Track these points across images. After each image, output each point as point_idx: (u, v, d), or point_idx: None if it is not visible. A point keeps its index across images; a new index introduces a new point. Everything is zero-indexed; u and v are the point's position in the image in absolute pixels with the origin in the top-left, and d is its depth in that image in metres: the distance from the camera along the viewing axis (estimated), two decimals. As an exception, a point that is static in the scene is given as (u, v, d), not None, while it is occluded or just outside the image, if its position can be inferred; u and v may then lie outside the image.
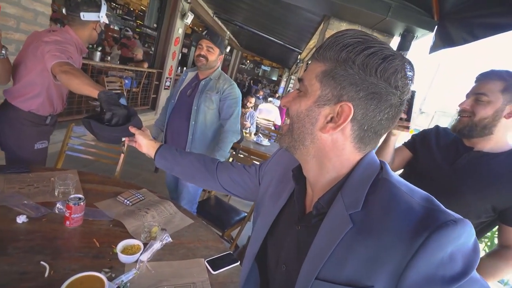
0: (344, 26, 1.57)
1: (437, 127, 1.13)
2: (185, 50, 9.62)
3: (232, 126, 1.63)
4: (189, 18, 5.18)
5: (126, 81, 4.24)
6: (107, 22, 1.51)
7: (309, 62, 0.51)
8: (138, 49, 4.67)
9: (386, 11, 1.38)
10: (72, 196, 0.99)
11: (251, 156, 2.78)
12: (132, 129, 0.89)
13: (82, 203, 0.99)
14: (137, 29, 10.00)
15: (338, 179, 0.49)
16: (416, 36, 1.48)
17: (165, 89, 5.38)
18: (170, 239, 1.04)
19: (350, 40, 0.44)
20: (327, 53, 0.45)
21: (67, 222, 0.98)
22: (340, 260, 0.44)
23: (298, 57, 7.15)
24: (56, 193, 1.15)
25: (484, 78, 0.92)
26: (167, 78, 5.28)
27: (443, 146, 1.04)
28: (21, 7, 2.02)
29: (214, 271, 0.96)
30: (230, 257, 1.06)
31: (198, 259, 1.01)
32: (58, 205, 1.06)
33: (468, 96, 0.96)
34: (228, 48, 9.11)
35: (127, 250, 0.92)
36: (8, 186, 1.12)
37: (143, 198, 1.30)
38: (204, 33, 1.63)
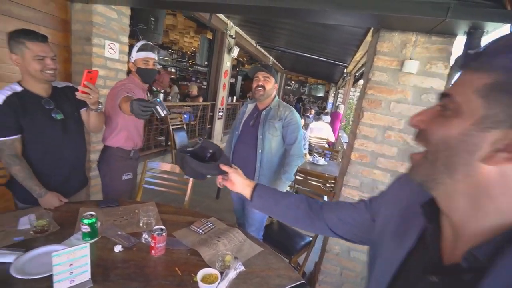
0: (396, 35, 1.51)
1: None
2: (232, 80, 10.27)
3: (297, 150, 1.66)
4: (235, 51, 5.57)
5: (185, 116, 4.69)
6: (141, 64, 1.71)
7: (458, 72, 0.40)
8: (193, 86, 5.16)
9: (444, 12, 1.28)
10: (155, 227, 1.11)
11: (309, 177, 2.73)
12: (224, 167, 0.87)
13: (164, 234, 1.10)
14: (189, 68, 11.15)
15: (505, 227, 0.36)
16: (486, 31, 1.34)
17: (218, 119, 5.76)
18: (243, 268, 1.06)
19: None
20: (495, 61, 0.35)
21: (153, 251, 1.09)
22: None
23: (345, 71, 6.98)
24: (141, 224, 1.30)
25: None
26: (219, 108, 5.67)
27: None
28: (106, 69, 2.46)
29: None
30: (304, 287, 1.03)
31: (272, 288, 1.00)
32: (144, 235, 1.19)
33: None
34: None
35: (205, 279, 0.97)
36: (105, 219, 1.31)
37: (213, 226, 1.37)
38: (258, 66, 1.74)
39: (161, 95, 4.80)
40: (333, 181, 2.75)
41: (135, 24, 2.74)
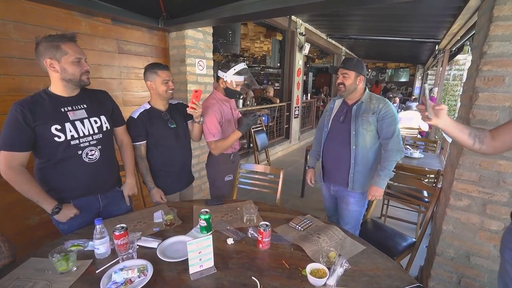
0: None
1: None
2: (304, 78, 10.15)
3: (396, 144, 1.54)
4: (307, 48, 5.51)
5: (264, 118, 4.90)
6: (233, 85, 1.77)
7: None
8: (269, 87, 5.36)
9: None
10: (262, 223, 1.21)
11: (404, 172, 2.47)
12: None
13: (269, 230, 1.19)
14: (261, 72, 11.56)
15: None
16: None
17: (295, 118, 5.79)
18: (348, 265, 1.05)
19: None
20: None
21: (260, 245, 1.20)
22: None
23: (436, 48, 5.99)
24: (244, 220, 1.44)
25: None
26: (295, 107, 5.69)
27: None
28: (197, 84, 2.82)
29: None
30: (421, 290, 0.95)
31: (384, 288, 0.96)
32: (250, 230, 1.31)
33: None
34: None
35: (314, 273, 1.00)
36: (214, 215, 1.50)
37: (311, 223, 1.40)
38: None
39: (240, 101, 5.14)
40: (433, 175, 2.42)
41: (215, 40, 3.04)
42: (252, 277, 1.02)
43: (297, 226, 1.36)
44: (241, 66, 1.77)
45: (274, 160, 5.11)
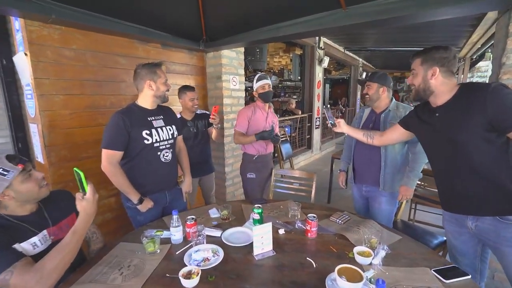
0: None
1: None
2: (321, 89, 10.35)
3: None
4: (326, 61, 5.75)
5: (287, 129, 5.13)
6: (261, 90, 2.25)
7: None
8: (291, 100, 5.61)
9: None
10: (309, 214, 1.40)
11: (430, 176, 2.57)
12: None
13: (316, 220, 1.38)
14: (279, 85, 11.88)
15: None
16: None
17: (316, 128, 5.97)
18: (388, 249, 1.22)
19: None
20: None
21: (309, 234, 1.39)
22: None
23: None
24: (289, 216, 1.64)
25: (412, 58, 1.29)
26: (316, 118, 5.89)
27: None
28: (231, 98, 3.11)
29: (446, 280, 1.04)
30: (457, 269, 1.10)
31: (423, 267, 1.12)
32: (298, 222, 1.51)
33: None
34: (364, 75, 9.02)
35: (360, 254, 1.17)
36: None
37: (349, 218, 1.58)
38: (364, 77, 1.93)
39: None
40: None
41: (245, 57, 3.35)
42: (307, 258, 1.21)
43: (338, 220, 1.54)
44: (258, 74, 2.33)
45: (298, 169, 5.28)
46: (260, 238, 1.24)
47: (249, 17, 2.25)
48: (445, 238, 1.92)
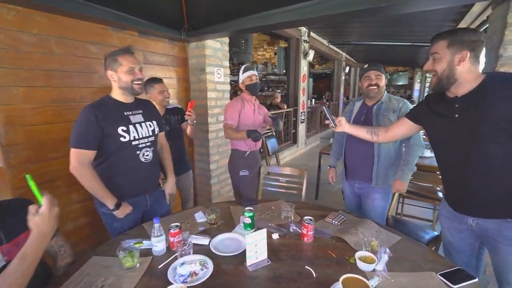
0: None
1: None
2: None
3: (417, 140, 1.65)
4: (311, 55, 5.68)
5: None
6: (248, 81, 2.12)
7: None
8: (277, 94, 5.49)
9: None
10: (305, 217, 1.30)
11: (419, 171, 2.57)
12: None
13: (312, 223, 1.28)
14: (262, 78, 11.73)
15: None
16: None
17: (301, 123, 5.92)
18: (390, 252, 1.14)
19: None
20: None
21: (305, 238, 1.29)
22: None
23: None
24: (282, 217, 1.53)
25: (434, 39, 1.14)
26: (301, 112, 5.83)
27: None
28: (216, 91, 2.93)
29: (454, 285, 0.98)
30: (463, 272, 1.04)
31: (429, 272, 1.05)
32: (292, 225, 1.40)
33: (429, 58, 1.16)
34: (347, 69, 9.07)
35: (362, 260, 1.09)
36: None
37: (345, 218, 1.49)
38: (365, 66, 1.81)
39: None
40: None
41: (230, 49, 3.19)
42: (306, 266, 1.10)
43: (334, 221, 1.46)
44: (244, 65, 2.18)
45: (284, 164, 5.21)
46: (254, 246, 1.12)
47: (235, 3, 2.09)
48: (436, 233, 1.91)
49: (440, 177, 1.33)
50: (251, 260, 1.12)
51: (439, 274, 1.03)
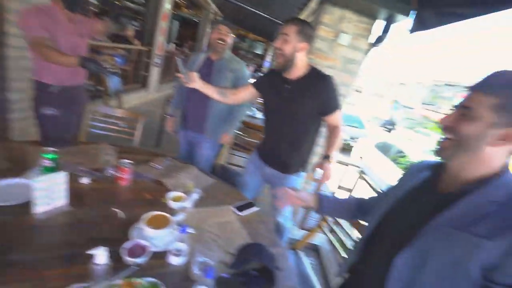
0: (336, 10, 1.78)
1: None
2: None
3: (246, 101, 1.87)
4: (175, -8, 5.07)
5: (118, 59, 4.25)
6: None
7: (471, 93, 0.65)
8: (130, 26, 4.57)
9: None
10: (122, 160, 1.23)
11: (249, 128, 3.04)
12: (287, 192, 1.11)
13: (130, 166, 1.23)
14: (115, 2, 9.46)
15: (483, 176, 0.66)
16: (395, 20, 1.73)
17: (155, 66, 5.38)
18: (202, 192, 1.31)
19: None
20: (498, 90, 0.61)
21: (121, 182, 1.23)
22: (472, 221, 0.61)
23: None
24: (101, 162, 1.38)
25: (288, 22, 1.29)
26: (157, 55, 5.26)
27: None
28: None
29: (241, 212, 1.26)
30: (251, 204, 1.36)
31: (227, 206, 1.29)
32: (108, 169, 1.30)
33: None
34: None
35: (175, 199, 1.18)
36: (61, 157, 1.32)
37: (171, 163, 1.55)
38: (221, 18, 1.78)
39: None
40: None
41: None
42: (112, 208, 1.07)
43: (158, 166, 1.47)
44: None
45: (129, 108, 4.67)
46: (44, 192, 0.94)
47: None
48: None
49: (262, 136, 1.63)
50: (41, 208, 0.95)
51: (232, 206, 1.29)
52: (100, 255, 0.77)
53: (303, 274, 1.68)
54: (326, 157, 1.28)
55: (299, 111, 1.39)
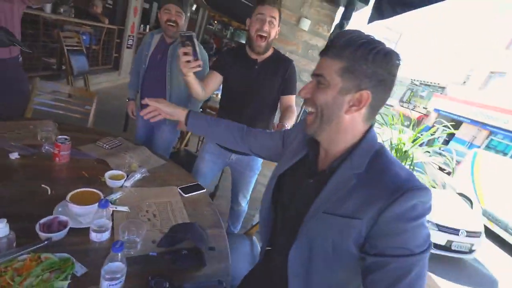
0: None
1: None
2: (146, 6, 8.87)
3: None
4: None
5: (84, 37, 4.00)
6: None
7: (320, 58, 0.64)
8: (98, 2, 4.31)
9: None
10: (59, 136, 1.16)
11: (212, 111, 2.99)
12: (151, 102, 0.98)
13: (68, 143, 1.17)
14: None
15: (348, 147, 0.66)
16: (355, 8, 1.74)
17: (127, 48, 5.14)
18: (147, 173, 1.27)
19: (361, 41, 0.58)
20: (343, 53, 0.59)
21: (57, 159, 1.16)
22: (341, 201, 0.62)
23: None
24: (39, 138, 1.30)
25: (272, 4, 1.33)
26: (129, 36, 5.02)
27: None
28: None
29: (186, 194, 1.24)
30: (198, 186, 1.34)
31: (172, 186, 1.26)
32: (45, 146, 1.22)
33: None
34: (194, 7, 8.60)
35: (113, 178, 1.13)
36: (-9, 131, 1.23)
37: (120, 143, 1.49)
38: None
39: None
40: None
41: None
42: (42, 185, 1.01)
43: (105, 145, 1.41)
44: None
45: (97, 90, 4.45)
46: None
47: None
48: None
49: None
50: (-45, 180, 0.88)
51: (178, 188, 1.26)
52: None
53: (256, 258, 1.70)
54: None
55: (265, 91, 1.47)
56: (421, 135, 3.44)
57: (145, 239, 0.89)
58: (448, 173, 7.23)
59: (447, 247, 3.39)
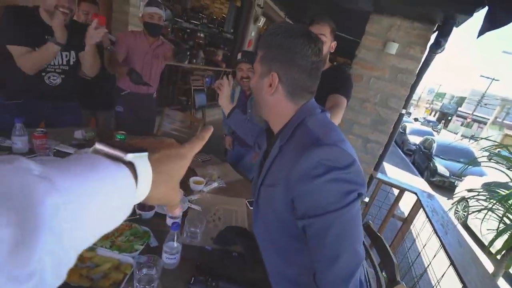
0: (384, 19, 1.72)
1: None
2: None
3: None
4: (261, 21, 5.71)
5: (207, 80, 5.06)
6: (147, 18, 1.87)
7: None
8: (219, 51, 5.45)
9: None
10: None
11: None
12: (224, 81, 1.20)
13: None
14: (218, 34, 11.22)
15: (282, 126, 0.73)
16: (456, 22, 1.53)
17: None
18: (224, 184, 1.47)
19: (270, 31, 0.69)
20: (262, 43, 0.71)
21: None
22: (270, 173, 0.70)
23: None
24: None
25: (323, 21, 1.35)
26: (240, 76, 5.96)
27: None
28: (139, 26, 2.84)
29: (251, 207, 1.35)
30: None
31: (242, 198, 1.41)
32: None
33: None
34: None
35: (195, 182, 1.39)
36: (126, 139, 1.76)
37: (209, 159, 1.80)
38: (239, 57, 1.83)
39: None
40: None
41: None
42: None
43: (198, 158, 1.74)
44: None
45: (211, 121, 5.40)
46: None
47: None
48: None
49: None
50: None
51: (247, 200, 1.39)
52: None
53: None
54: None
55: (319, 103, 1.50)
56: None
57: (205, 234, 1.04)
58: None
59: None
